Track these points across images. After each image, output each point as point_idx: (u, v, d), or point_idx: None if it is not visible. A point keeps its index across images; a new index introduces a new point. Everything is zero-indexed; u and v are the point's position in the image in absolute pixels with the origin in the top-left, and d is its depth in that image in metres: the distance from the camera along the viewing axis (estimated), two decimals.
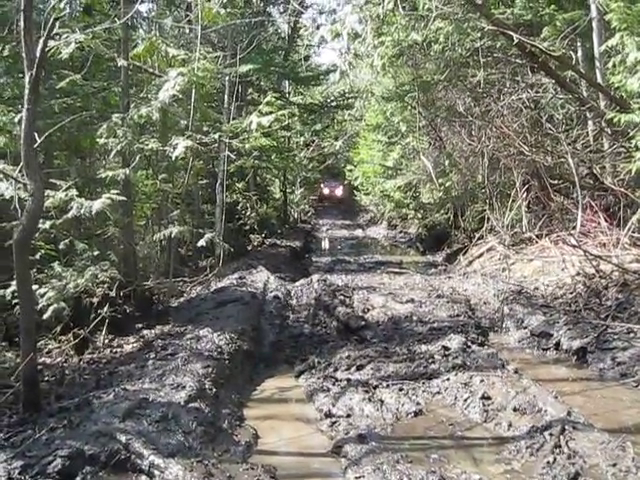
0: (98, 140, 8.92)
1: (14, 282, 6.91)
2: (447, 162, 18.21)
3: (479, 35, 13.26)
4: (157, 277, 10.77)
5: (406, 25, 13.53)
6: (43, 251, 8.38)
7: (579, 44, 14.17)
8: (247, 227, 18.67)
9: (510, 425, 5.87)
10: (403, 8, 11.68)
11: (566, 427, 5.48)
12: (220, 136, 9.76)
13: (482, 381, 6.80)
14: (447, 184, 18.35)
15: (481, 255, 14.91)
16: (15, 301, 7.17)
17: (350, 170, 35.19)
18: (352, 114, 31.04)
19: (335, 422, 6.19)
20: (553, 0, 13.57)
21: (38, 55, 5.80)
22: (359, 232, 29.92)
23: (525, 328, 9.29)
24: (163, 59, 10.38)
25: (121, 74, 9.73)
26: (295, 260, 18.87)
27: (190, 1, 12.87)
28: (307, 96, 27.08)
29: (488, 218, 15.88)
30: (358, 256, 19.84)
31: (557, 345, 8.42)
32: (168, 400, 5.95)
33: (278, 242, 20.36)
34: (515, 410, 6.10)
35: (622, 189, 11.48)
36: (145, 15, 15.43)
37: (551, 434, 5.44)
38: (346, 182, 38.76)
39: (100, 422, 5.39)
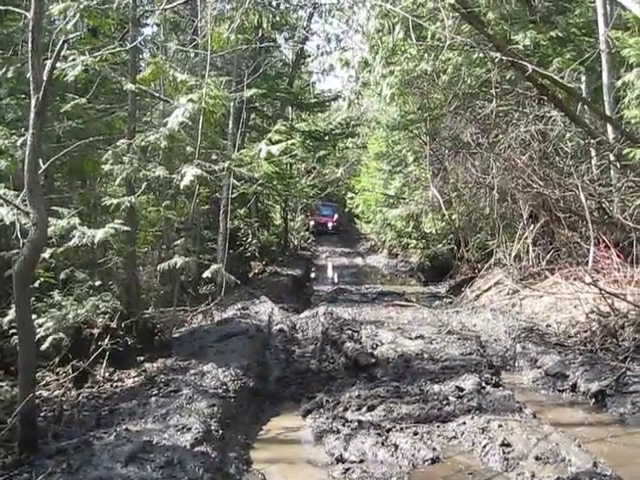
0: (103, 166, 8.67)
1: (11, 310, 6.67)
2: (454, 194, 18.04)
3: (488, 67, 13.18)
4: (159, 306, 10.48)
5: (416, 55, 13.42)
6: (42, 279, 8.10)
7: (583, 78, 14.13)
8: (248, 254, 18.40)
9: (533, 476, 5.54)
10: (416, 38, 11.52)
11: None
12: (229, 165, 9.51)
13: (500, 426, 6.50)
14: (453, 216, 18.20)
15: (489, 289, 14.65)
16: (12, 331, 6.92)
17: (351, 198, 35.08)
18: (354, 142, 30.93)
19: (348, 469, 5.85)
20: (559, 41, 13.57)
21: (45, 78, 5.56)
22: (359, 260, 29.72)
23: (539, 368, 8.97)
24: (170, 84, 10.16)
25: (128, 98, 9.48)
26: (297, 289, 18.62)
27: (198, 25, 12.71)
28: (311, 123, 26.91)
29: (495, 251, 15.66)
30: (359, 285, 19.65)
31: (574, 387, 8.10)
32: (173, 443, 5.64)
33: (279, 270, 20.08)
34: (537, 459, 5.78)
35: (632, 224, 11.26)
36: (149, 38, 15.31)
37: None
38: (346, 209, 38.28)
39: (101, 467, 5.10)
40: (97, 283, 8.47)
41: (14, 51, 9.27)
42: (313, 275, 23.86)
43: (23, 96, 8.95)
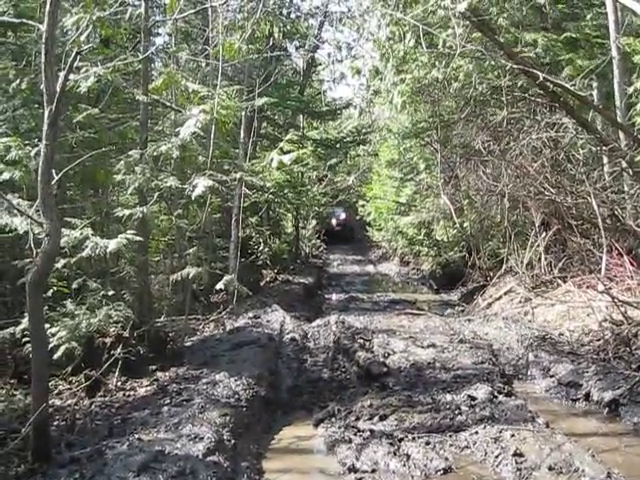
0: (115, 176, 8.72)
1: (25, 320, 6.72)
2: (466, 201, 17.99)
3: (499, 73, 13.17)
4: (171, 315, 10.52)
5: (426, 63, 13.43)
6: (55, 289, 8.13)
7: (595, 84, 14.09)
8: (259, 262, 18.42)
9: None
10: (426, 46, 11.54)
11: None
12: (241, 175, 9.54)
13: (513, 436, 6.47)
14: (465, 224, 18.16)
15: (501, 297, 14.59)
16: (25, 340, 6.96)
17: (362, 205, 35.03)
18: (365, 149, 30.87)
19: (360, 479, 5.86)
20: (571, 44, 13.53)
21: (58, 89, 5.60)
22: (370, 268, 29.66)
23: (552, 377, 8.93)
24: (182, 93, 10.21)
25: (140, 108, 9.54)
26: (308, 297, 18.59)
27: (210, 35, 12.76)
28: (322, 131, 26.92)
29: (507, 259, 15.60)
30: (371, 294, 19.59)
31: (587, 396, 8.06)
32: (185, 453, 5.65)
33: (290, 278, 20.07)
34: (550, 469, 5.76)
35: None
36: (161, 48, 15.38)
37: None
38: (357, 217, 38.00)
39: (114, 476, 5.13)
40: (110, 292, 8.49)
41: (28, 62, 9.34)
42: (325, 283, 23.81)
43: (37, 106, 9.01)
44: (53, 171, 5.72)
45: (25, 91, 9.09)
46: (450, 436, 6.76)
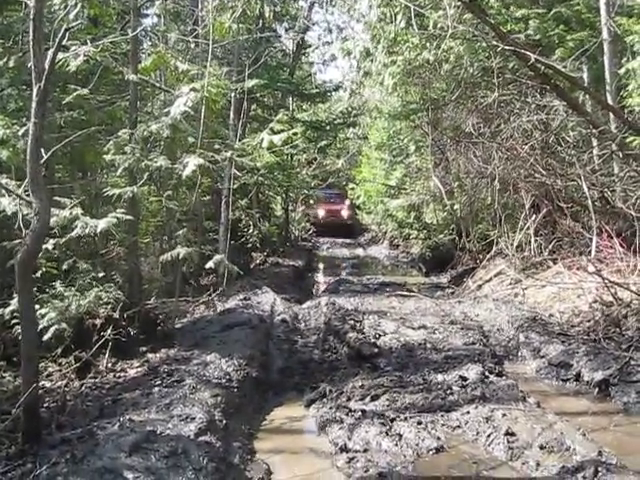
0: (105, 156, 8.64)
1: (14, 301, 6.67)
2: (456, 183, 17.99)
3: (490, 55, 13.14)
4: (161, 297, 10.47)
5: (417, 44, 13.38)
6: (45, 270, 8.07)
7: (585, 66, 14.09)
8: (249, 245, 18.36)
9: (538, 464, 5.54)
10: (418, 27, 11.48)
11: (599, 469, 5.17)
12: (231, 155, 9.47)
13: (504, 415, 6.48)
14: (455, 207, 18.16)
15: (491, 279, 14.61)
16: (15, 321, 6.91)
17: (352, 188, 34.97)
18: (355, 132, 30.78)
19: (352, 458, 5.83)
20: (562, 21, 13.50)
21: (47, 67, 5.52)
22: (360, 251, 29.65)
23: (542, 357, 8.96)
24: (172, 74, 10.12)
25: (129, 88, 9.44)
26: (299, 280, 18.58)
27: (199, 15, 12.65)
28: (312, 113, 26.80)
29: (497, 241, 15.63)
30: (361, 276, 19.54)
31: (577, 376, 8.10)
32: (177, 433, 5.61)
33: (280, 261, 20.03)
34: (542, 448, 5.77)
35: (634, 213, 11.25)
36: (150, 28, 15.25)
37: (584, 477, 5.13)
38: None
39: (105, 457, 5.06)
40: (100, 274, 8.45)
41: (14, 41, 9.23)
42: (315, 266, 23.81)
43: (24, 87, 8.91)
44: (42, 150, 5.65)
45: (13, 70, 8.99)
46: (442, 416, 6.76)
